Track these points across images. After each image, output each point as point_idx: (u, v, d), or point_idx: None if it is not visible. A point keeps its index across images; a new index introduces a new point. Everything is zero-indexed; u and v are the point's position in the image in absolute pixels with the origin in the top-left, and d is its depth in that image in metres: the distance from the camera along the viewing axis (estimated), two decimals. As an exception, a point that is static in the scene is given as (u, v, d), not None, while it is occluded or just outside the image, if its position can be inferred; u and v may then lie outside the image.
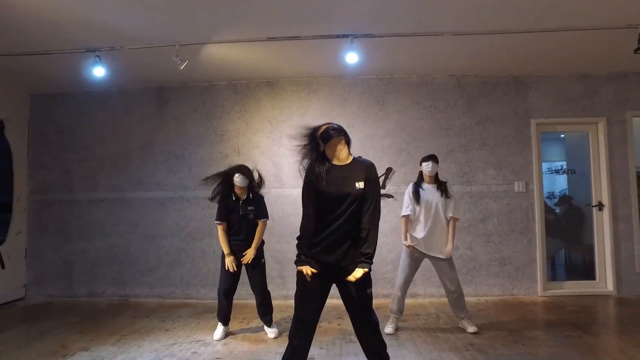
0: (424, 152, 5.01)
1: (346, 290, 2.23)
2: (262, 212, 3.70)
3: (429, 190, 3.68)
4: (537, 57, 4.61)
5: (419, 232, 3.65)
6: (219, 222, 3.65)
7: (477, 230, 4.98)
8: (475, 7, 3.43)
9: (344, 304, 2.30)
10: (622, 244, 4.95)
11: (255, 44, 4.10)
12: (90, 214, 5.33)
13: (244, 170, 3.65)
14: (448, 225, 3.67)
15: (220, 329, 3.72)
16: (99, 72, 4.01)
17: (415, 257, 3.70)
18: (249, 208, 3.64)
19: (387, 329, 3.68)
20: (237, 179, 3.59)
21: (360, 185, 2.20)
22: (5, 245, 5.07)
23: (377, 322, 2.29)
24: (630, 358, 3.04)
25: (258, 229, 3.67)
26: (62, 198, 5.36)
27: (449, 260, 3.64)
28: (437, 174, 3.75)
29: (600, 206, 5.04)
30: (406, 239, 3.65)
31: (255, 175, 3.77)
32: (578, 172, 5.61)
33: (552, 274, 5.79)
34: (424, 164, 3.71)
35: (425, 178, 3.73)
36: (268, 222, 3.79)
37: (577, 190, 5.88)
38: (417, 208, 3.67)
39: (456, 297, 3.66)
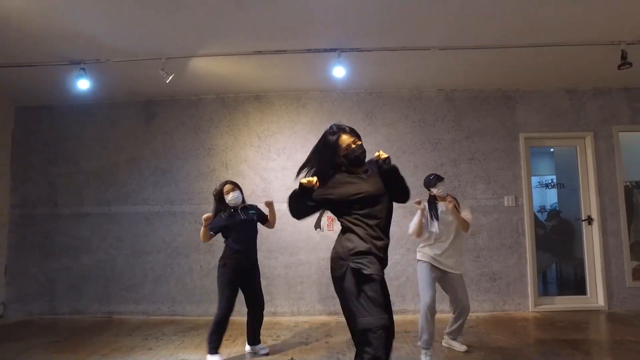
0: (413, 166, 5.01)
1: None
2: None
3: (444, 211, 3.36)
4: (525, 72, 4.65)
5: (437, 251, 3.32)
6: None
7: (467, 245, 4.92)
8: (460, 22, 3.45)
9: None
10: (613, 258, 4.92)
11: (242, 57, 4.09)
12: (76, 229, 5.22)
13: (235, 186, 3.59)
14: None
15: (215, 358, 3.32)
16: (83, 84, 3.96)
17: (435, 273, 3.33)
18: (250, 212, 3.61)
19: None
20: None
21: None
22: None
23: None
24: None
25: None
26: (46, 212, 5.25)
27: (461, 275, 3.39)
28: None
29: (589, 220, 5.03)
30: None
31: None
32: (567, 185, 5.62)
33: (544, 289, 5.75)
34: (433, 189, 3.39)
35: (439, 199, 3.41)
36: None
37: (567, 204, 5.87)
38: (436, 226, 3.31)
39: (465, 316, 3.37)
